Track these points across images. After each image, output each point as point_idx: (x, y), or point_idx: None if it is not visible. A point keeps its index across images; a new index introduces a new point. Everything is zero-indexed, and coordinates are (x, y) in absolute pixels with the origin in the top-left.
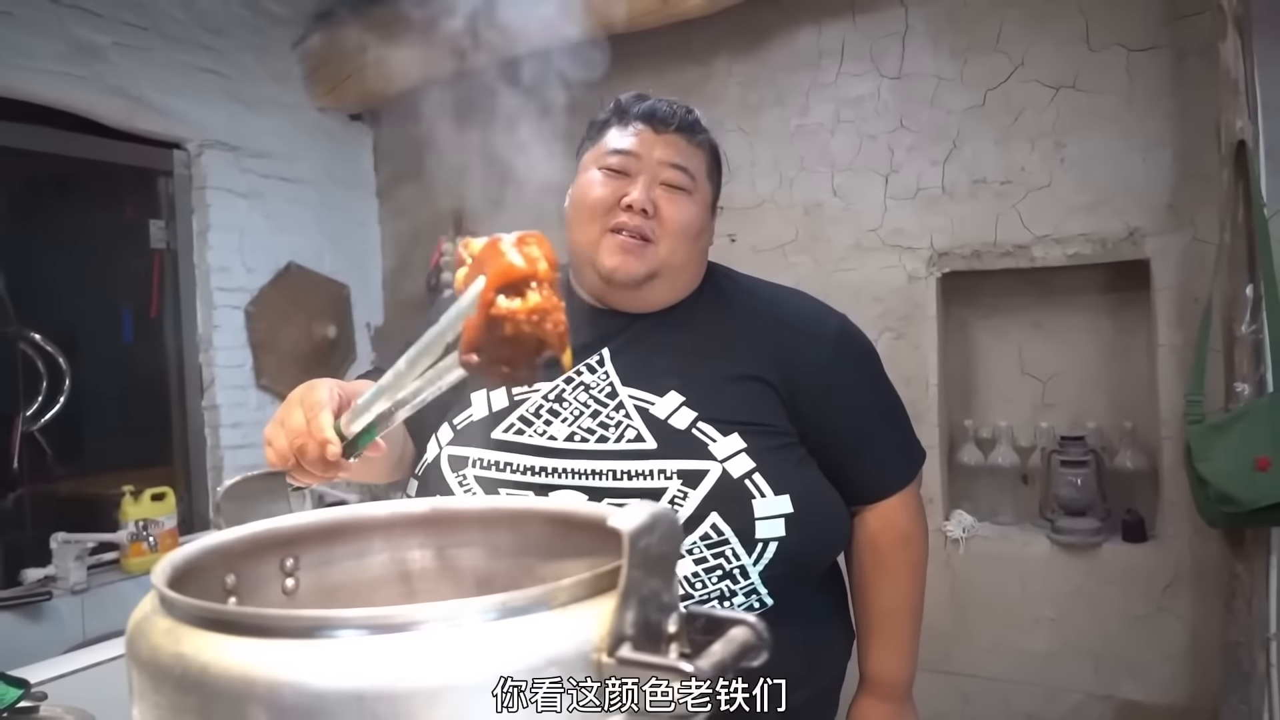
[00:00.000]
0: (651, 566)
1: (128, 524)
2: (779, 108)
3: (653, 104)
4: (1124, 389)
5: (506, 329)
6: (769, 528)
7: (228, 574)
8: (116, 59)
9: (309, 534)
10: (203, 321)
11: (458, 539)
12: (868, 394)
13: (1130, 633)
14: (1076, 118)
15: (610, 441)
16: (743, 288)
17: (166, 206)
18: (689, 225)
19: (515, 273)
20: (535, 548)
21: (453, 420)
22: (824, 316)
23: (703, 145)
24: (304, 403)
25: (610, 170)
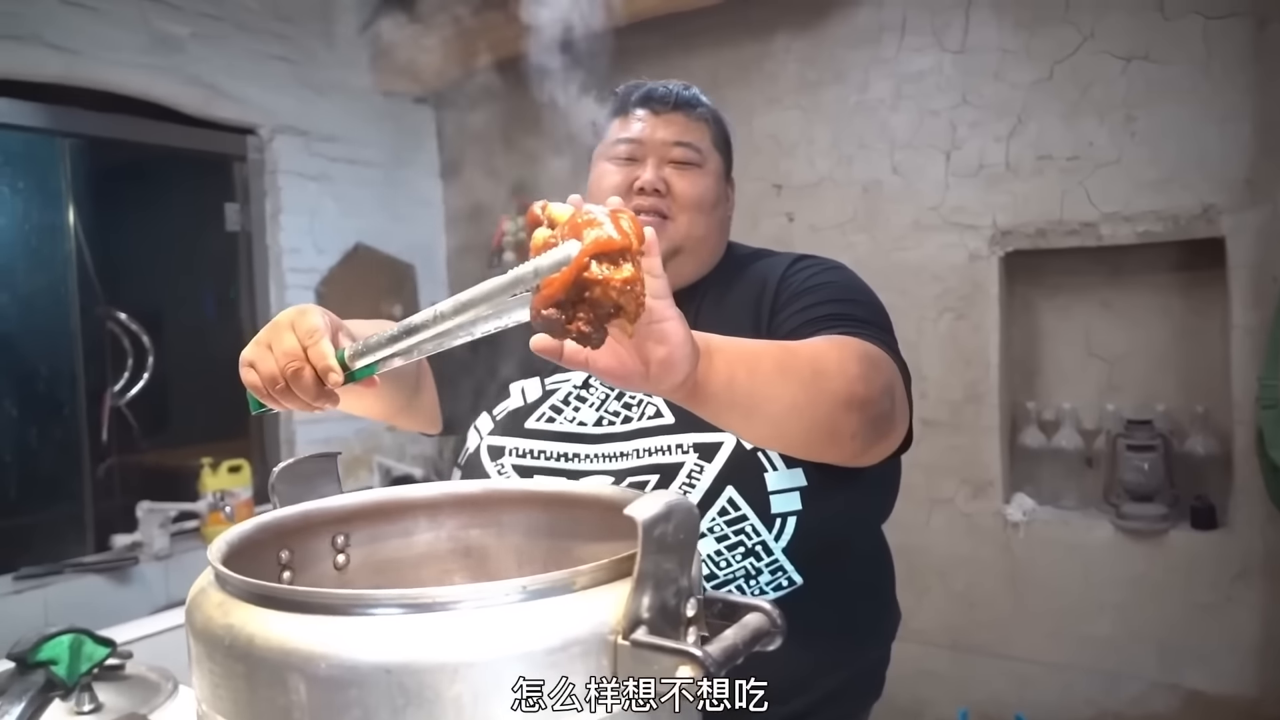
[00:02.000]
0: (667, 553)
1: (206, 494)
2: (838, 85)
3: (649, 88)
4: (1195, 371)
5: (596, 292)
6: (784, 501)
7: (282, 550)
8: (194, 49)
9: (359, 513)
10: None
11: (498, 520)
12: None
13: (1197, 621)
14: (1149, 90)
15: (634, 421)
16: (758, 257)
17: (241, 190)
18: (703, 197)
19: (614, 244)
20: (572, 529)
21: (492, 411)
22: (788, 255)
23: (705, 119)
24: (297, 327)
25: (619, 159)
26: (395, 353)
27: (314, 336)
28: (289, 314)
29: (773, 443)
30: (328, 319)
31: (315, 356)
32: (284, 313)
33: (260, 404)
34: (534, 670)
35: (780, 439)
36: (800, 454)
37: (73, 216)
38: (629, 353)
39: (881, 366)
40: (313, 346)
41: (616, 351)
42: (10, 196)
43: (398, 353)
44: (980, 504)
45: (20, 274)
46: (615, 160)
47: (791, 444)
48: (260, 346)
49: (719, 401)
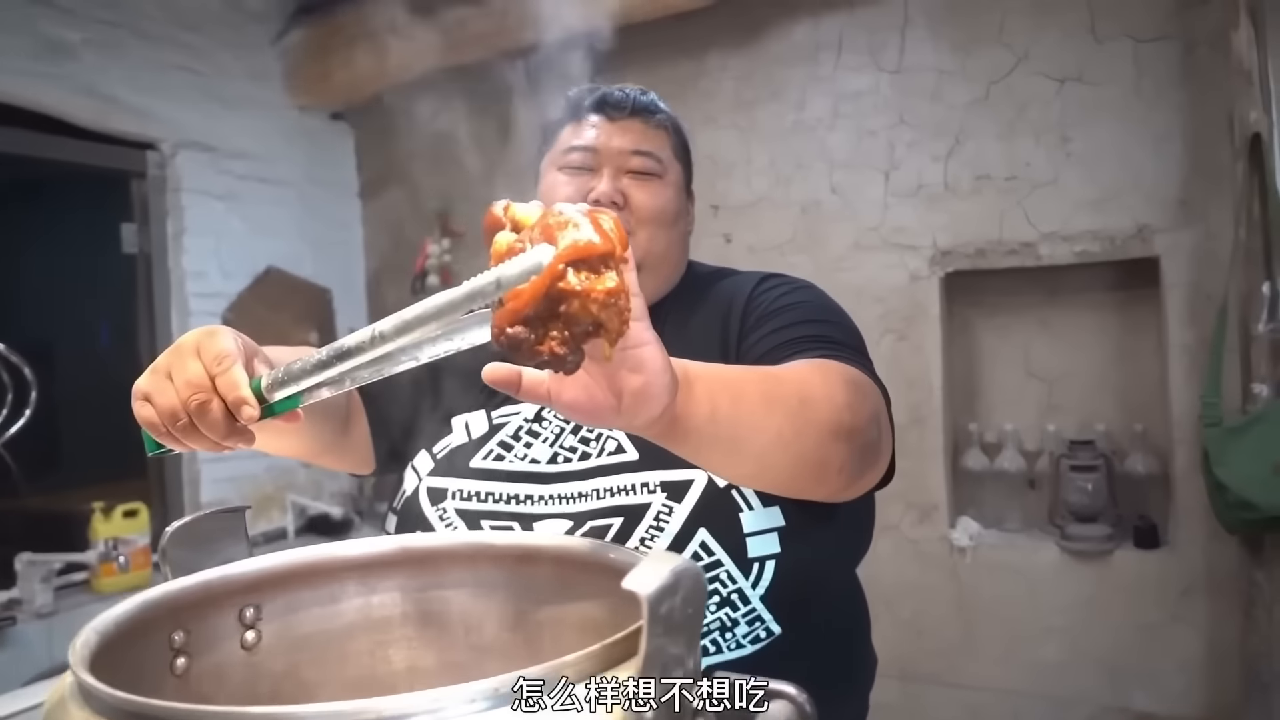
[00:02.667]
0: (676, 633)
1: (97, 543)
2: (775, 103)
3: (604, 92)
4: (1133, 390)
5: (573, 306)
6: (761, 544)
7: (175, 631)
8: (87, 57)
9: (273, 579)
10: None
11: (441, 580)
12: (794, 299)
13: (1144, 642)
14: (1083, 111)
15: (594, 457)
16: (721, 276)
17: (140, 210)
18: (664, 210)
19: (595, 249)
20: (528, 589)
21: (432, 448)
22: (755, 274)
23: (664, 126)
24: (203, 351)
25: (572, 169)
26: (323, 381)
27: (223, 362)
28: (194, 336)
29: (756, 480)
30: (240, 342)
31: (225, 386)
32: (188, 335)
33: (158, 444)
34: None
35: (765, 476)
36: (784, 491)
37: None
38: (598, 384)
39: (867, 392)
40: (222, 374)
41: (583, 382)
42: None
43: (326, 381)
44: (926, 529)
45: None
46: (567, 170)
47: (777, 481)
48: (158, 376)
49: (700, 436)
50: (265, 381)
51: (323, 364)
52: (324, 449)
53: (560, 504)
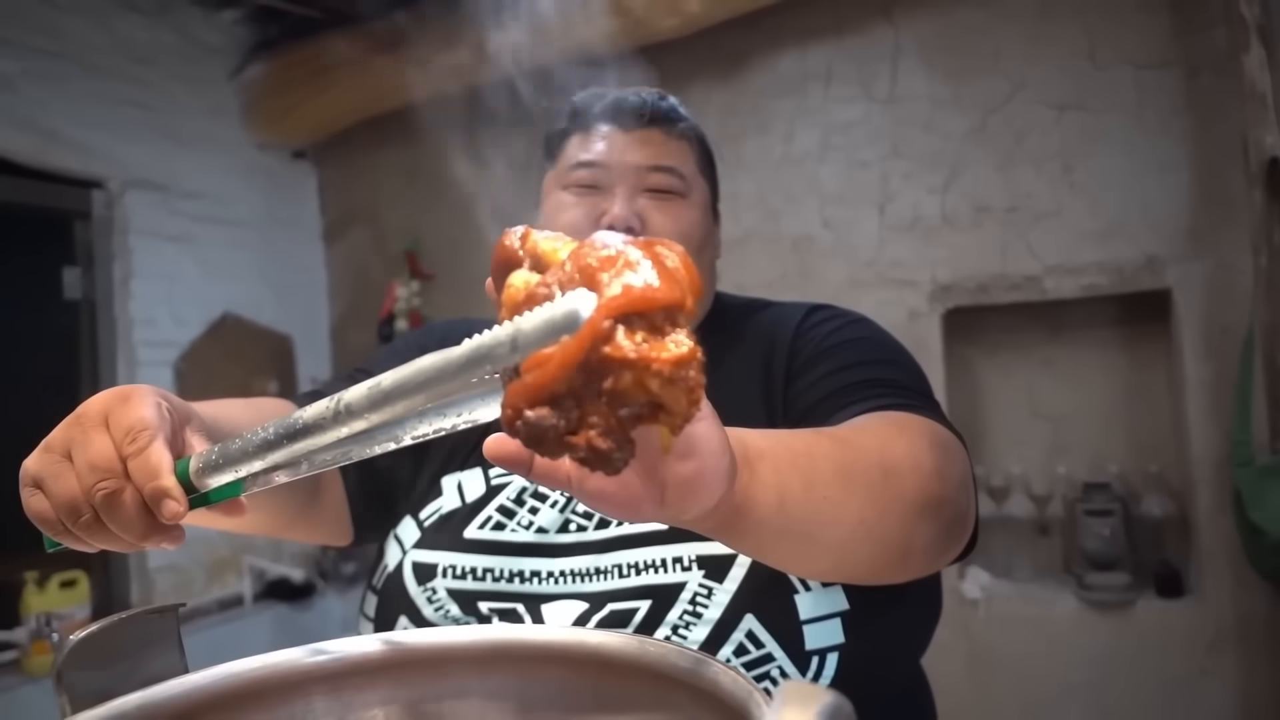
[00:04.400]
0: None
1: (29, 619)
2: (762, 136)
3: (616, 98)
4: (1145, 429)
5: (623, 380)
6: (822, 634)
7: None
8: (26, 89)
9: (212, 702)
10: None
11: (439, 690)
12: (852, 335)
13: (1171, 697)
14: (1085, 140)
15: (613, 525)
16: (754, 308)
17: (84, 252)
18: (688, 235)
19: (657, 298)
20: (557, 700)
21: (419, 514)
22: (800, 305)
23: (687, 136)
24: (113, 424)
25: (580, 188)
26: (272, 466)
27: (139, 439)
28: (101, 401)
29: (831, 575)
30: (163, 407)
31: (140, 471)
32: (94, 399)
33: (55, 542)
34: None
35: (841, 569)
36: (861, 582)
37: None
38: (634, 469)
39: (954, 452)
40: (136, 455)
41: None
42: None
43: (277, 466)
44: None
45: None
46: (575, 189)
47: (855, 573)
48: (52, 456)
49: (764, 530)
50: (194, 465)
51: (269, 444)
52: (289, 522)
53: (573, 582)
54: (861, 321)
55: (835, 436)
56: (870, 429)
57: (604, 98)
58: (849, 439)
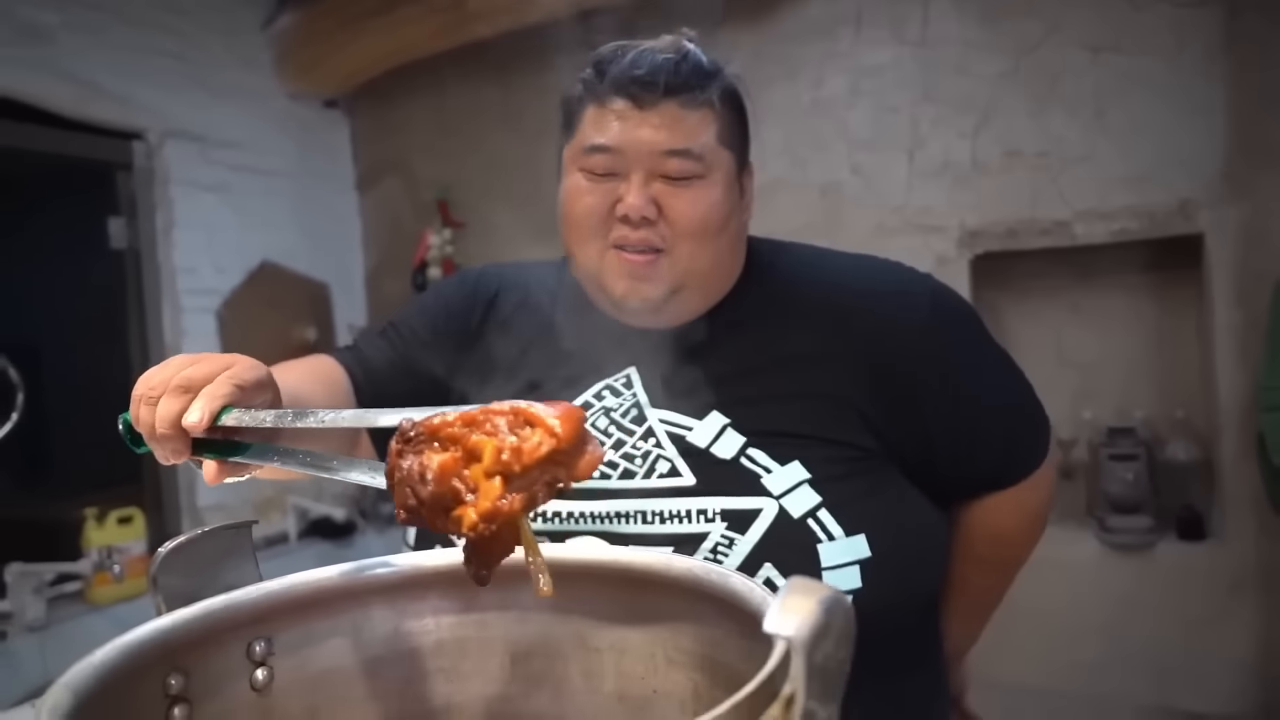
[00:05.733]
0: (830, 684)
1: (90, 551)
2: (789, 81)
3: (630, 63)
4: (1173, 375)
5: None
6: (841, 578)
7: (171, 674)
8: (66, 41)
9: (285, 606)
10: (170, 327)
11: (482, 601)
12: (975, 375)
13: (1191, 639)
14: (1120, 83)
15: (638, 477)
16: (798, 267)
17: (127, 203)
18: (707, 221)
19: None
20: (586, 608)
21: None
22: (908, 288)
23: (709, 104)
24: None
25: (595, 174)
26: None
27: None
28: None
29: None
30: (228, 376)
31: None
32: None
33: (139, 440)
34: None
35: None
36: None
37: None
38: None
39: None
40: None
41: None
42: None
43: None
44: None
45: None
46: (590, 175)
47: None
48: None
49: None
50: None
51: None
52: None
53: (594, 523)
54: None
55: (992, 568)
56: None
57: (621, 59)
58: (999, 565)
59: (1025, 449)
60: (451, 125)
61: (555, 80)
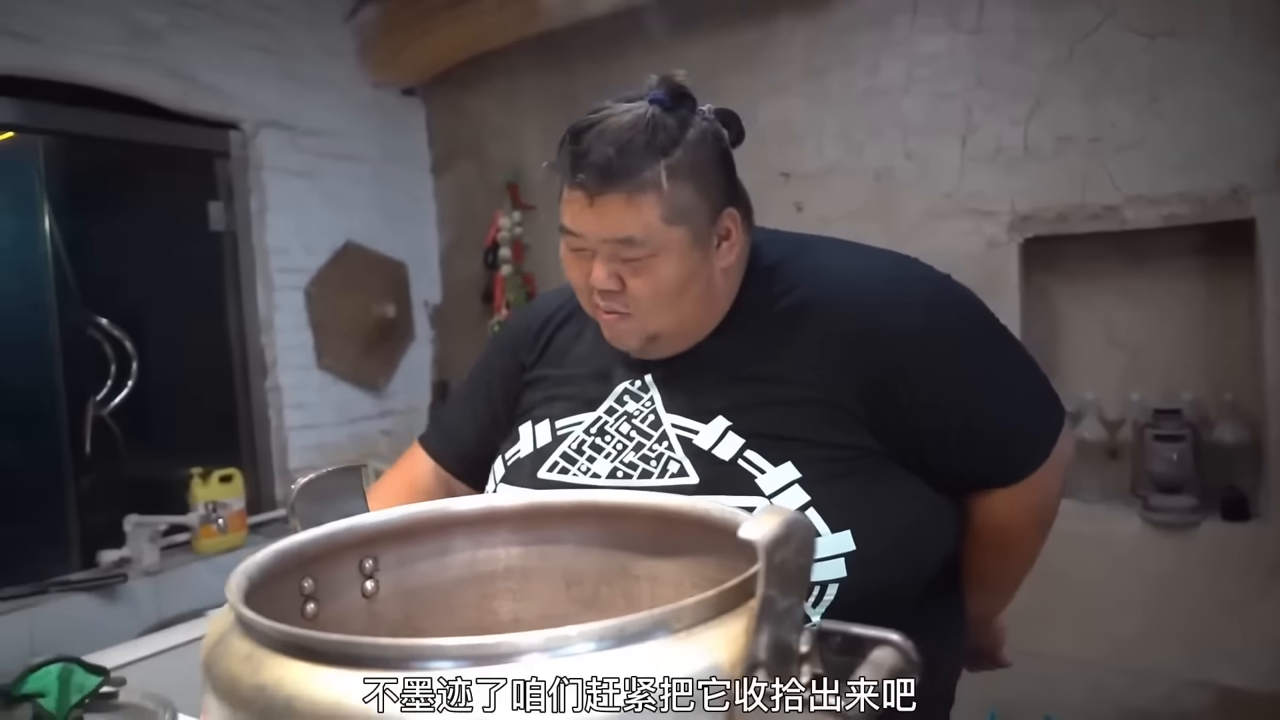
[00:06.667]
0: (788, 583)
1: (197, 506)
2: (846, 69)
3: (577, 156)
4: (1222, 359)
5: None
6: (826, 569)
7: (305, 578)
8: (171, 39)
9: (388, 533)
10: (264, 303)
11: (544, 536)
12: (974, 372)
13: (1230, 616)
14: (1174, 68)
15: (653, 477)
16: (804, 272)
17: (225, 188)
18: (660, 293)
19: None
20: (627, 545)
21: (505, 455)
22: (905, 296)
23: (651, 185)
24: None
25: (570, 249)
26: None
27: None
28: None
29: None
30: None
31: None
32: None
33: None
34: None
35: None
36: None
37: (49, 219)
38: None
39: (1050, 503)
40: None
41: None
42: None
43: None
44: None
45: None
46: (568, 249)
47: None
48: None
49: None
50: None
51: None
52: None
53: None
54: (982, 326)
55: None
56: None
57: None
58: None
59: (1017, 457)
60: (521, 112)
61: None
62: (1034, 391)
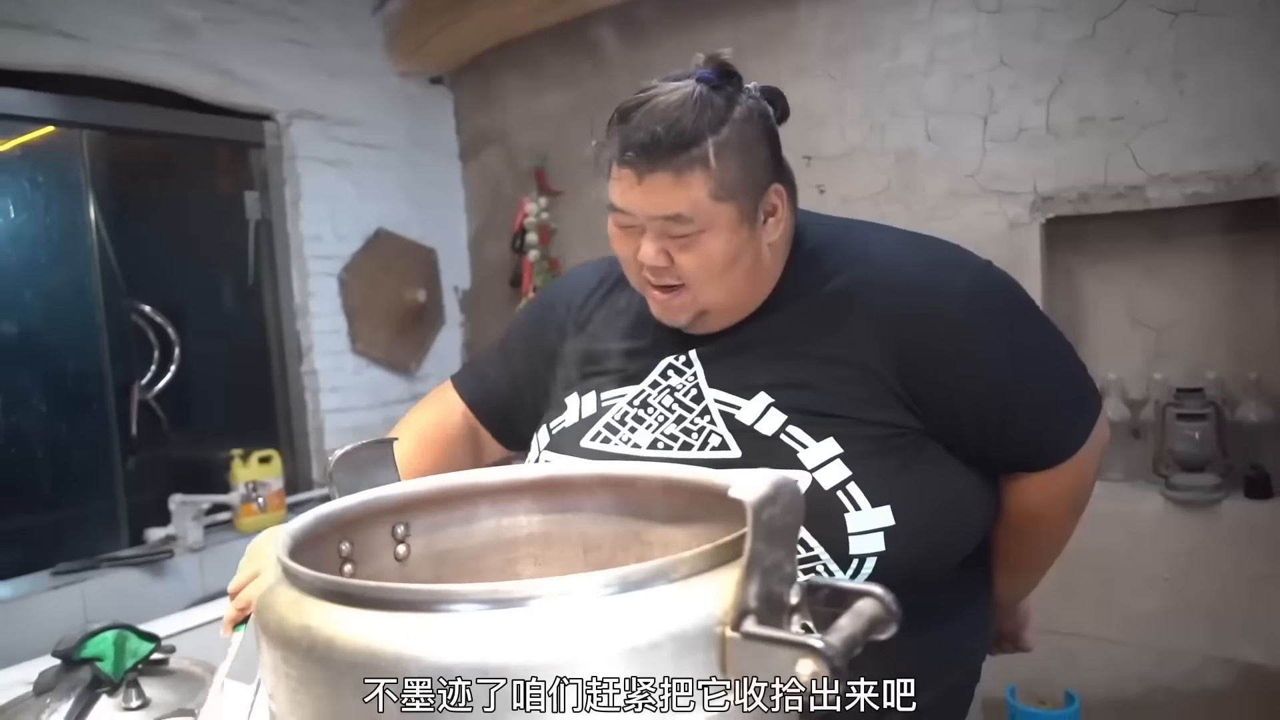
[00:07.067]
0: (776, 538)
1: (238, 486)
2: (868, 50)
3: (625, 137)
4: (1248, 337)
5: None
6: (865, 543)
7: (343, 542)
8: (206, 34)
9: (419, 501)
10: (299, 289)
11: (564, 504)
12: (1014, 357)
13: (1253, 594)
14: (1199, 45)
15: (694, 449)
16: (847, 255)
17: (260, 178)
18: (710, 266)
19: None
20: (641, 513)
21: (550, 424)
22: (948, 277)
23: (699, 162)
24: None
25: (619, 226)
26: None
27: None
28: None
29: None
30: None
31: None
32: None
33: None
34: (637, 666)
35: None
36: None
37: (93, 210)
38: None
39: (1084, 487)
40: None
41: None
42: (31, 191)
43: None
44: None
45: (44, 269)
46: (616, 226)
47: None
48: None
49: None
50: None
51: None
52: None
53: None
54: (1022, 315)
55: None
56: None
57: (628, 121)
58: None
59: (1054, 442)
60: (546, 98)
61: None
62: (1072, 377)
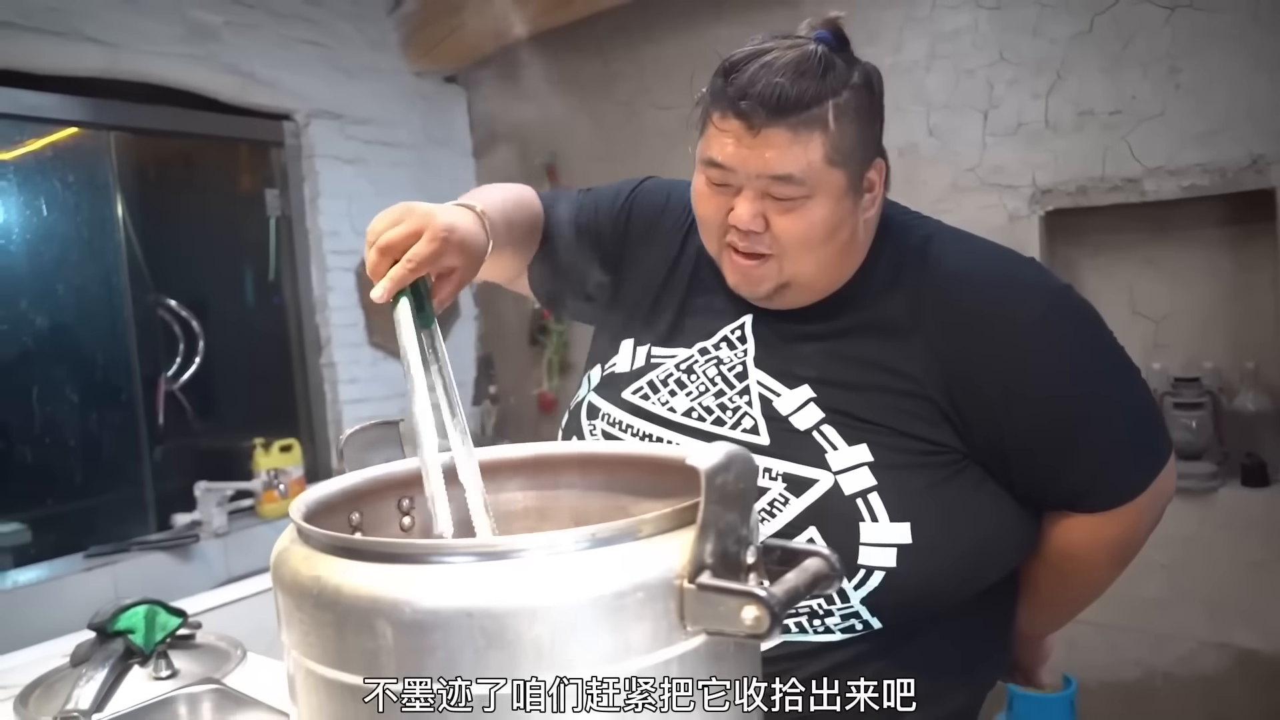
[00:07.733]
0: (729, 502)
1: (260, 473)
2: (870, 46)
3: (747, 85)
4: (1246, 327)
5: None
6: (876, 555)
7: (353, 512)
8: (228, 37)
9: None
10: (318, 284)
11: (556, 481)
12: (1075, 389)
13: (1249, 580)
14: (1194, 39)
15: (725, 426)
16: (923, 265)
17: (280, 176)
18: (808, 236)
19: None
20: (628, 489)
21: (604, 364)
22: (1017, 297)
23: (818, 123)
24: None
25: (711, 184)
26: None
27: (400, 269)
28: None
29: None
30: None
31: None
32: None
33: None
34: (605, 613)
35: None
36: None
37: (121, 207)
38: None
39: (1133, 539)
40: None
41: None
42: (62, 191)
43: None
44: None
45: (74, 266)
46: (709, 183)
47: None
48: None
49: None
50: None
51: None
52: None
53: None
54: (1090, 347)
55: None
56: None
57: (742, 73)
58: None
59: (1108, 485)
60: (558, 95)
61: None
62: (1142, 418)
